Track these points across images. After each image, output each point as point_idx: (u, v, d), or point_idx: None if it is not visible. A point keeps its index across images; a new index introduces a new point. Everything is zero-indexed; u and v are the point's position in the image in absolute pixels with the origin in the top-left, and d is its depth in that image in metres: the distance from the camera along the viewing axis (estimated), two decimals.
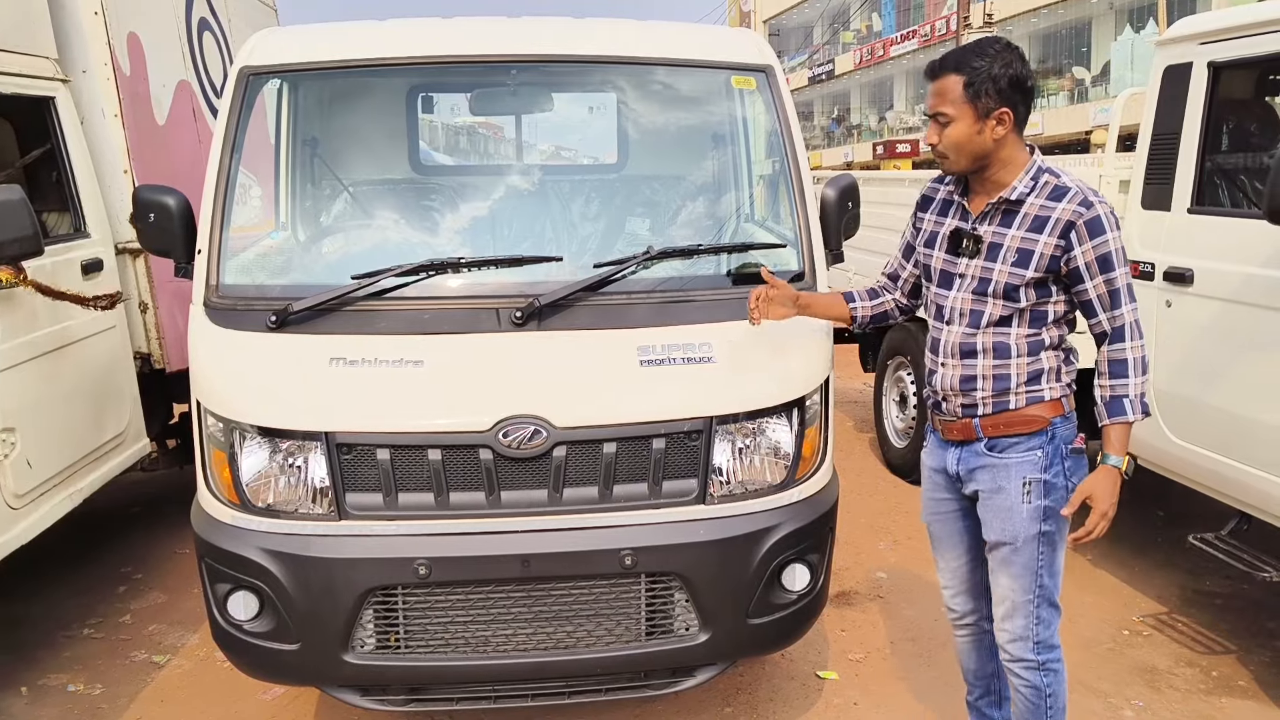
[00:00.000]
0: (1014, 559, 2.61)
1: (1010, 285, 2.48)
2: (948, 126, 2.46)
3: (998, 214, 2.51)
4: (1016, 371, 2.54)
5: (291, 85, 3.76)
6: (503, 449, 2.74)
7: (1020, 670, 2.69)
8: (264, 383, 2.90)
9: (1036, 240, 2.45)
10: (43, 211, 4.38)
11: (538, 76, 3.70)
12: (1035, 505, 2.57)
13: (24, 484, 3.73)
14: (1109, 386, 2.53)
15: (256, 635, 2.86)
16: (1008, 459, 2.57)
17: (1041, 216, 2.45)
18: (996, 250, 2.50)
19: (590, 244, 3.52)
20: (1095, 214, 2.41)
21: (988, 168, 2.51)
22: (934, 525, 2.87)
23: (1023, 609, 2.63)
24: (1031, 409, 2.55)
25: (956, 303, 2.58)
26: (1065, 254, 2.44)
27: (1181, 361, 4.04)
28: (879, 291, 2.93)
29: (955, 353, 2.58)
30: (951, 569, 2.89)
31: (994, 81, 2.41)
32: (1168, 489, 4.49)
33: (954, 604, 2.93)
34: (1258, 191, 3.86)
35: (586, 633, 2.87)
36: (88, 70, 4.53)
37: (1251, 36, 3.78)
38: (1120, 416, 2.51)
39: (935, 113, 2.48)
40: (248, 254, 3.37)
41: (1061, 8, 33.28)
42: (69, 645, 4.23)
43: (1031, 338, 2.53)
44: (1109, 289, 2.46)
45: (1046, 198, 2.46)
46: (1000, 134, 2.45)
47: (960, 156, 2.49)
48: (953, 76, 2.43)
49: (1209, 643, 4.12)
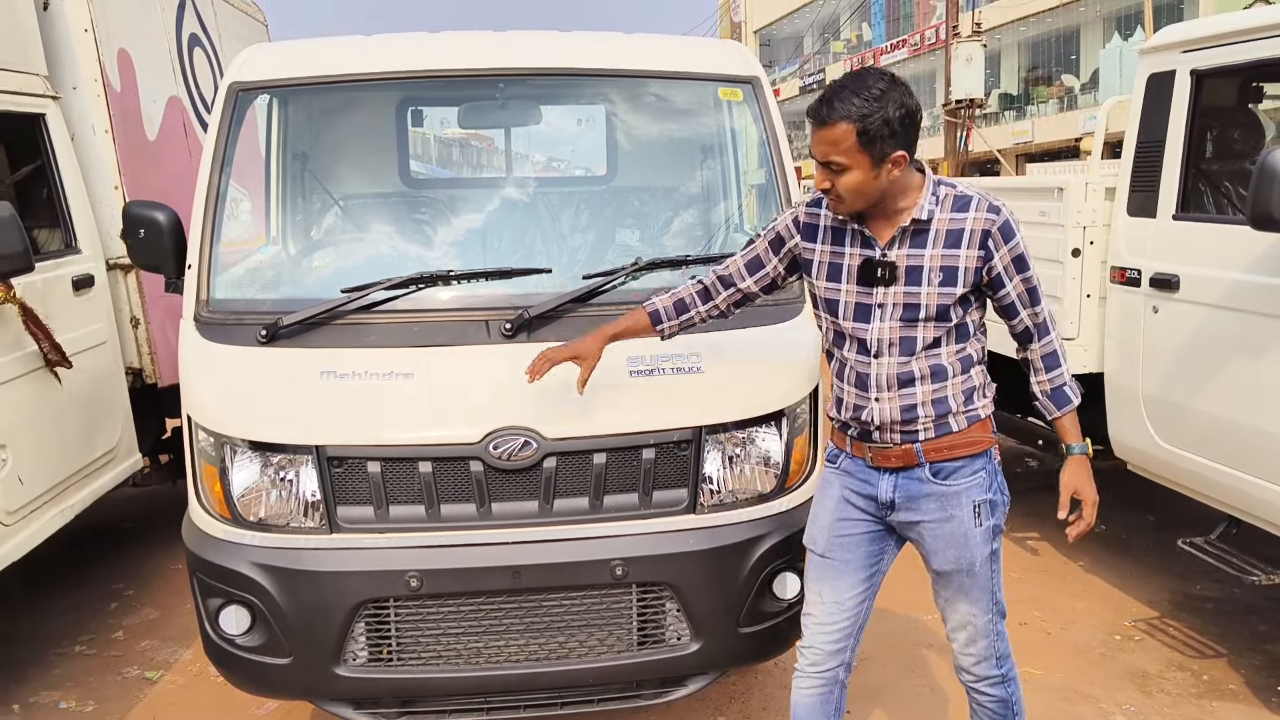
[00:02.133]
0: (971, 584, 2.55)
1: (942, 305, 2.40)
2: (841, 174, 2.31)
3: (907, 237, 2.41)
4: (953, 393, 2.47)
5: (281, 100, 3.78)
6: (493, 460, 2.75)
7: (987, 688, 2.64)
8: (254, 397, 2.90)
9: (957, 255, 2.39)
10: (33, 228, 4.38)
11: (525, 90, 3.71)
12: (986, 527, 2.53)
13: (15, 500, 3.73)
14: (1048, 380, 2.56)
15: (249, 649, 2.86)
16: (956, 485, 2.49)
17: (954, 230, 2.39)
18: (917, 273, 2.40)
19: (580, 255, 3.53)
20: (1004, 218, 2.40)
21: (885, 201, 2.40)
22: (834, 553, 2.62)
23: (985, 630, 2.59)
24: (972, 430, 2.50)
25: (883, 334, 2.45)
26: (986, 263, 2.40)
27: (1169, 367, 4.06)
28: (687, 304, 2.74)
29: (892, 384, 2.46)
30: (839, 602, 2.62)
31: (888, 126, 2.26)
32: (1157, 494, 4.51)
33: (821, 643, 2.64)
34: (1242, 197, 3.90)
35: (578, 643, 2.87)
36: (78, 87, 4.54)
37: (1234, 44, 3.81)
38: (1068, 405, 2.57)
39: (826, 161, 2.32)
40: (238, 269, 3.38)
41: (1050, 16, 33.47)
42: (61, 662, 4.22)
43: (961, 354, 2.48)
44: (1027, 287, 2.47)
45: (952, 210, 2.40)
46: (896, 175, 2.34)
47: (856, 201, 2.36)
48: (843, 125, 2.26)
49: (1199, 647, 4.14)
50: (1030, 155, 32.99)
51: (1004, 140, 31.40)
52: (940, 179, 2.45)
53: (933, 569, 2.60)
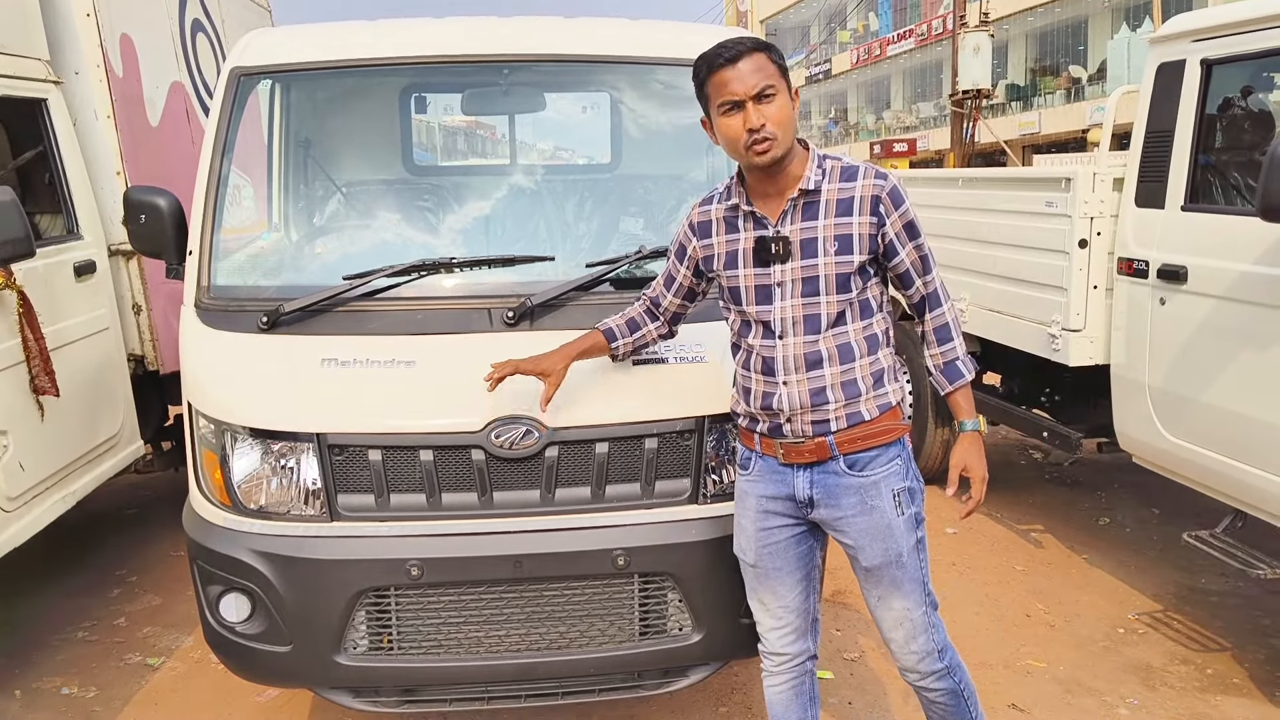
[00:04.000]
0: (902, 576, 2.51)
1: (841, 275, 2.38)
2: (772, 101, 2.30)
3: (798, 210, 2.40)
4: (862, 375, 2.44)
5: (283, 85, 3.75)
6: (494, 449, 2.73)
7: (934, 683, 2.61)
8: (255, 384, 2.89)
9: (850, 222, 2.37)
10: (35, 213, 4.37)
11: (529, 76, 3.69)
12: (909, 515, 2.50)
13: (17, 486, 3.73)
14: (941, 354, 2.53)
15: (249, 637, 2.85)
16: (873, 474, 2.47)
17: (844, 199, 2.38)
18: (812, 245, 2.38)
19: (583, 243, 3.52)
20: (892, 184, 2.38)
21: (784, 157, 2.36)
22: (765, 560, 2.61)
23: (921, 624, 2.55)
24: (884, 419, 2.47)
25: (786, 312, 2.42)
26: (879, 229, 2.39)
27: (1176, 359, 4.04)
28: (638, 322, 2.77)
29: (799, 365, 2.42)
30: (784, 605, 2.64)
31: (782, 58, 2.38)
32: (1163, 486, 4.49)
33: (781, 645, 2.68)
34: (1251, 188, 3.86)
35: (579, 633, 2.86)
36: (80, 72, 4.53)
37: (1244, 33, 3.78)
38: (960, 380, 2.54)
39: (761, 89, 2.29)
40: (239, 255, 3.37)
41: (1058, 6, 33.32)
42: (63, 648, 4.22)
43: (866, 331, 2.45)
44: (919, 254, 2.45)
45: (841, 180, 2.39)
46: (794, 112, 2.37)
47: (786, 136, 2.33)
48: (759, 54, 2.31)
49: (1204, 640, 4.12)
50: (1037, 146, 32.88)
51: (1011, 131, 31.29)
52: (824, 153, 2.45)
53: (862, 566, 2.55)
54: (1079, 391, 5.08)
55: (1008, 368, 5.52)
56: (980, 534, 5.33)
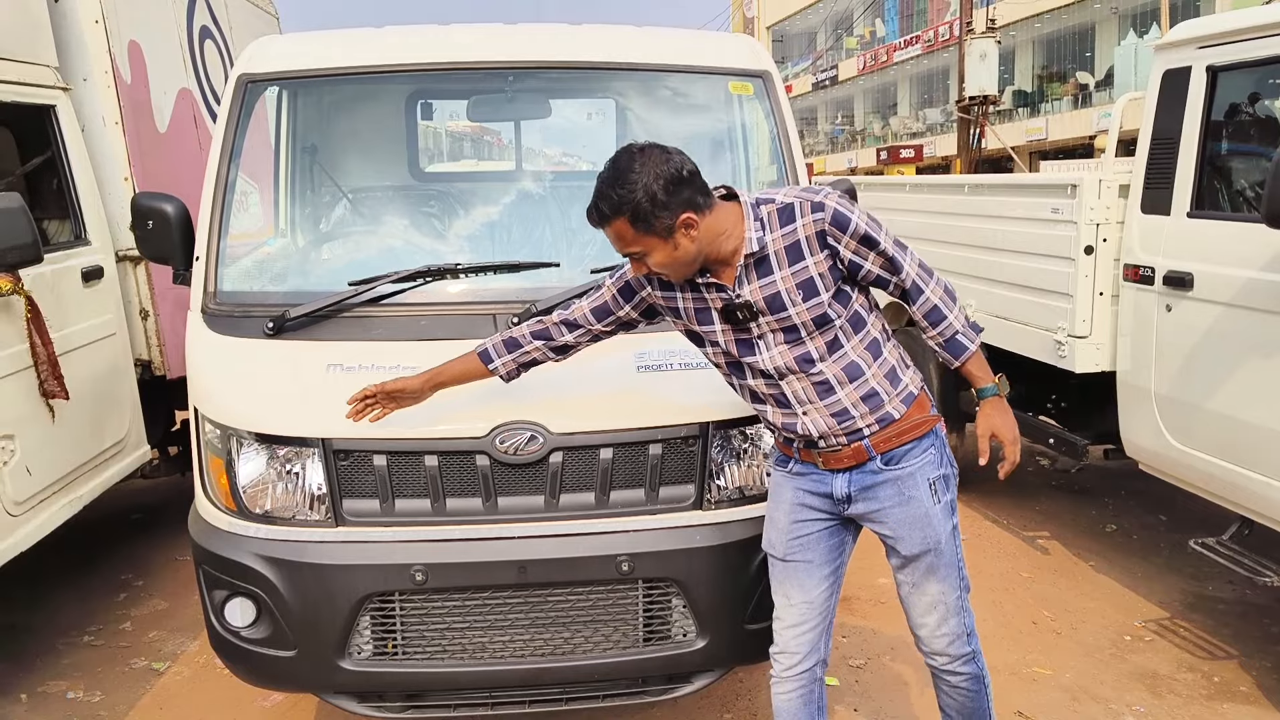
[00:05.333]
0: (939, 562, 2.53)
1: (818, 317, 2.36)
2: (646, 258, 2.32)
3: (751, 271, 2.36)
4: (877, 382, 2.44)
5: (290, 92, 3.77)
6: (499, 455, 2.74)
7: (960, 667, 2.62)
8: (261, 389, 2.90)
9: (805, 266, 2.34)
10: (43, 219, 4.40)
11: (535, 83, 3.70)
12: (945, 502, 2.52)
13: (23, 491, 3.74)
14: (938, 334, 2.51)
15: (254, 642, 2.86)
16: (909, 466, 2.48)
17: (791, 245, 2.35)
18: (777, 299, 2.36)
19: (588, 249, 3.51)
20: (832, 209, 2.33)
21: (711, 253, 2.35)
22: (795, 553, 2.61)
23: (955, 607, 2.57)
24: (913, 412, 2.47)
25: (776, 360, 2.42)
26: (835, 259, 2.36)
27: (1182, 366, 4.03)
28: (521, 342, 2.66)
29: (811, 396, 2.43)
30: (808, 600, 2.62)
31: (653, 202, 2.22)
32: (1169, 493, 4.48)
33: (795, 645, 2.64)
34: (1257, 195, 3.85)
35: (584, 639, 2.86)
36: (88, 78, 4.55)
37: (1250, 40, 3.78)
38: (965, 352, 2.51)
39: (627, 254, 2.34)
40: (245, 260, 3.38)
41: (1065, 13, 33.30)
42: (69, 652, 4.23)
43: (866, 341, 2.44)
44: (884, 258, 2.41)
45: (781, 227, 2.35)
46: (696, 234, 2.28)
47: (680, 271, 2.35)
48: (615, 222, 2.27)
49: (1211, 648, 4.11)
50: (1044, 152, 32.84)
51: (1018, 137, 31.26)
52: (757, 198, 2.40)
53: (900, 555, 2.56)
54: (1085, 398, 5.07)
55: (1014, 374, 5.51)
56: (986, 541, 5.32)
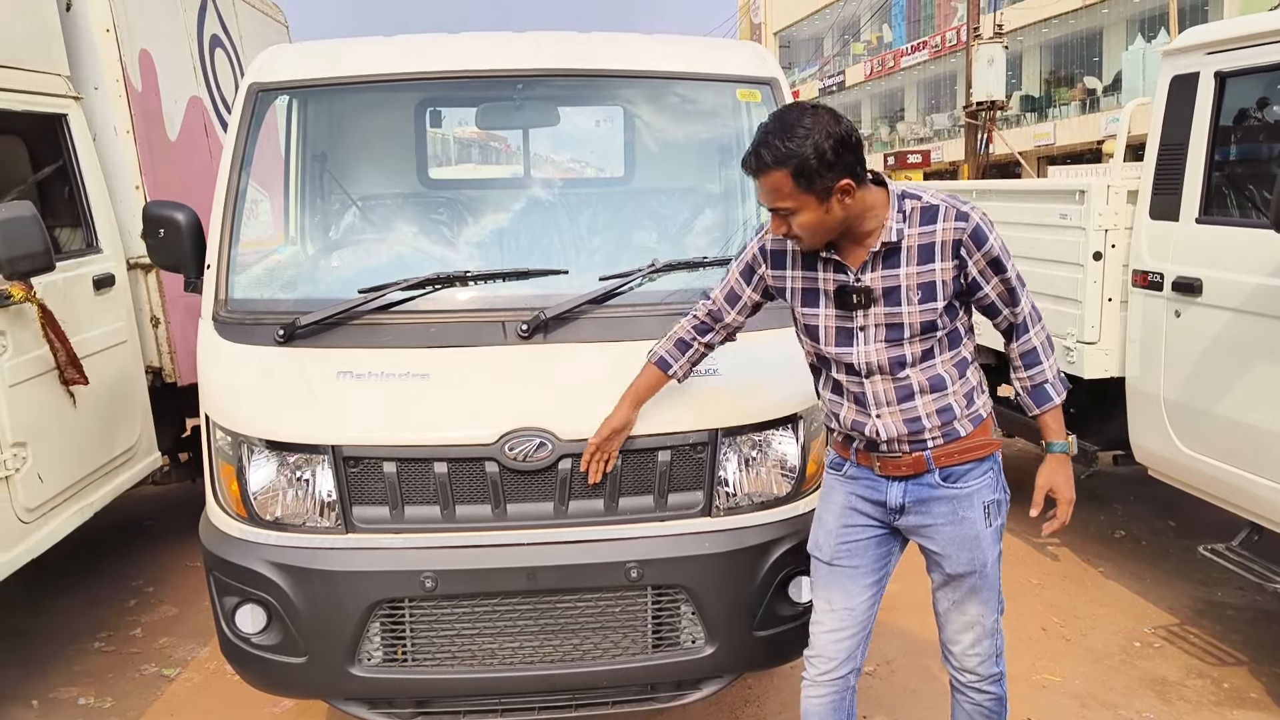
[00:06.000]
0: (982, 585, 2.54)
1: (926, 322, 2.37)
2: (793, 217, 2.29)
3: (879, 259, 2.37)
4: (955, 399, 2.44)
5: (300, 101, 3.79)
6: (508, 462, 2.75)
7: (987, 687, 2.63)
8: (271, 396, 2.91)
9: (932, 269, 2.35)
10: (55, 227, 4.42)
11: (544, 91, 3.71)
12: (995, 527, 2.52)
13: (36, 498, 3.76)
14: (1028, 378, 2.53)
15: (264, 648, 2.87)
16: (967, 487, 2.47)
17: (925, 245, 2.35)
18: (895, 294, 2.36)
19: (597, 257, 3.53)
20: (974, 223, 2.34)
21: (850, 227, 2.35)
22: (842, 558, 2.60)
23: (990, 629, 2.58)
24: (978, 433, 2.48)
25: (869, 356, 2.41)
26: (961, 271, 2.37)
27: (1191, 372, 4.02)
28: (689, 341, 2.71)
29: (890, 400, 2.43)
30: (849, 607, 2.60)
31: (821, 160, 2.20)
32: (1178, 499, 4.47)
33: (832, 651, 2.62)
34: (1265, 201, 3.85)
35: (593, 645, 2.86)
36: (100, 87, 4.57)
37: (1258, 46, 3.78)
38: (1049, 403, 2.52)
39: (774, 208, 2.30)
40: (256, 268, 3.39)
41: (1073, 18, 33.27)
42: (79, 658, 4.24)
43: (955, 359, 2.45)
44: (1006, 288, 2.44)
45: (921, 225, 2.35)
46: (849, 203, 2.28)
47: (818, 236, 2.33)
48: (777, 172, 2.22)
49: (1220, 654, 4.10)
50: (1052, 158, 32.80)
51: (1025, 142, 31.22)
52: (904, 190, 2.40)
53: (944, 572, 2.56)
54: (1094, 404, 5.06)
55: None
56: None
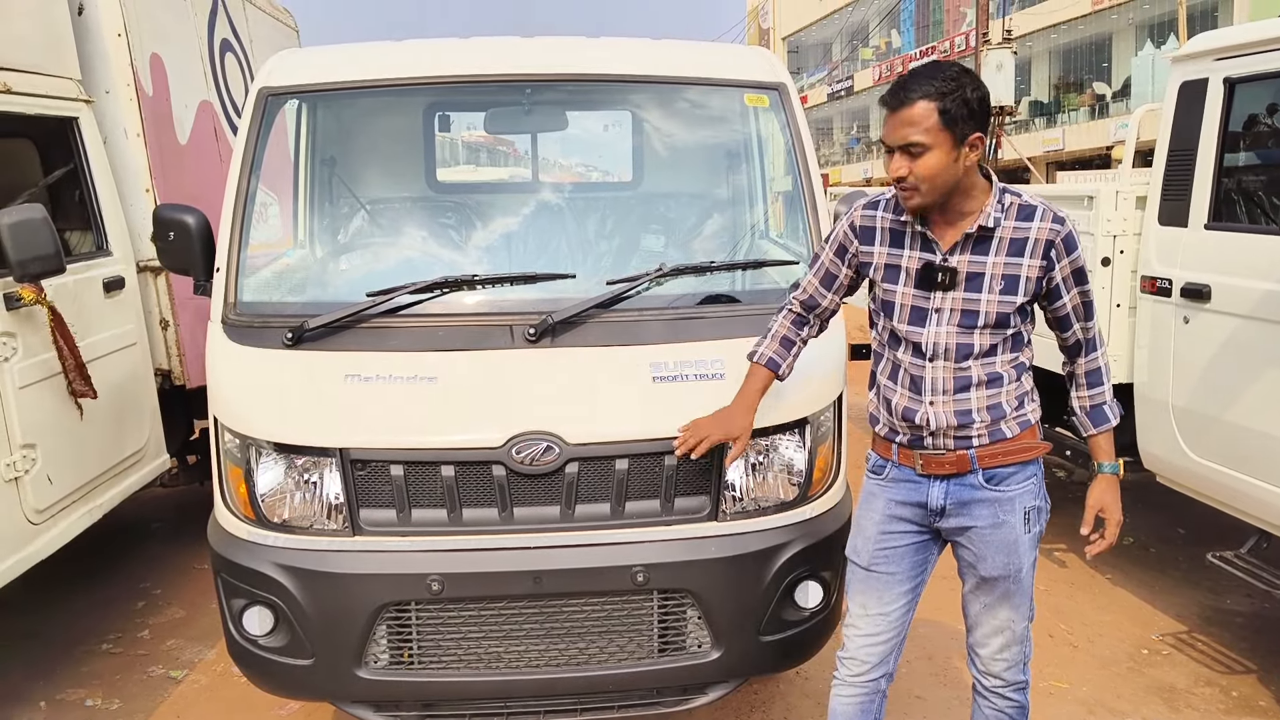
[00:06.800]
0: (1015, 590, 2.54)
1: (1002, 314, 2.38)
2: (921, 157, 2.28)
3: (970, 243, 2.38)
4: (1008, 400, 2.45)
5: (310, 105, 3.81)
6: (515, 465, 2.75)
7: (1011, 693, 2.63)
8: (279, 399, 2.92)
9: (1019, 264, 2.37)
10: (65, 230, 4.44)
11: (552, 95, 3.72)
12: (1033, 533, 2.52)
13: (44, 499, 3.77)
14: (1089, 397, 2.54)
15: (271, 650, 2.88)
16: (1010, 490, 2.48)
17: (1018, 239, 2.37)
18: (978, 280, 2.38)
19: (604, 261, 3.54)
20: (1068, 230, 2.38)
21: (952, 198, 2.36)
22: (879, 565, 2.60)
23: (1020, 635, 2.58)
24: (1024, 436, 2.48)
25: (939, 338, 2.42)
26: (1047, 273, 2.39)
27: (1200, 378, 4.01)
28: (791, 338, 2.71)
29: (947, 388, 2.44)
30: (884, 613, 2.61)
31: (966, 106, 2.25)
32: (1187, 506, 4.46)
33: (866, 655, 2.63)
34: (1275, 207, 3.85)
35: (598, 649, 2.86)
36: (111, 91, 4.60)
37: (1267, 52, 3.77)
38: (1105, 424, 2.55)
39: (907, 143, 2.28)
40: (265, 271, 3.41)
41: (1082, 23, 33.21)
42: (87, 660, 4.26)
43: (1015, 362, 2.46)
44: (1083, 301, 2.46)
45: (1017, 219, 2.37)
46: (972, 160, 2.31)
47: (933, 189, 2.31)
48: (923, 104, 2.24)
49: (1229, 662, 4.08)
50: (1061, 163, 32.72)
51: (1034, 148, 31.16)
52: (1005, 186, 2.43)
53: (978, 575, 2.55)
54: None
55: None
56: None
